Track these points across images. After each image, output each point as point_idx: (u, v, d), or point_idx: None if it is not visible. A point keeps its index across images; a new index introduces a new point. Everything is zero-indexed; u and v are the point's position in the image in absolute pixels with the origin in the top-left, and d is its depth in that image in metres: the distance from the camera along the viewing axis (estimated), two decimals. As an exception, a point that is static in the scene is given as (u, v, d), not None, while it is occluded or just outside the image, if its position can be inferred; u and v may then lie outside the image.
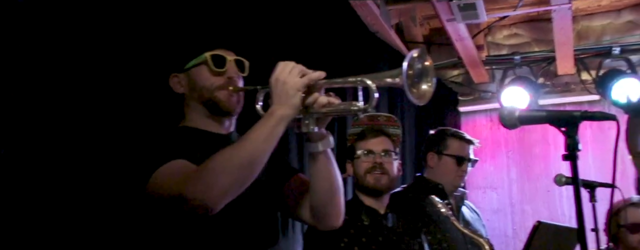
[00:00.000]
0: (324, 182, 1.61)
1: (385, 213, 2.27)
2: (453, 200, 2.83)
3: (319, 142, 1.56)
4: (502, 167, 4.28)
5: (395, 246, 2.21)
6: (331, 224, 1.69)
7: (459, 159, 2.81)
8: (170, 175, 1.47)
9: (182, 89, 1.73)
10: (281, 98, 1.46)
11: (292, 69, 1.48)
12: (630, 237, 2.66)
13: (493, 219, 4.19)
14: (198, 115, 1.71)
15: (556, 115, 1.41)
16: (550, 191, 4.10)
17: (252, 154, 1.44)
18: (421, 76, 1.40)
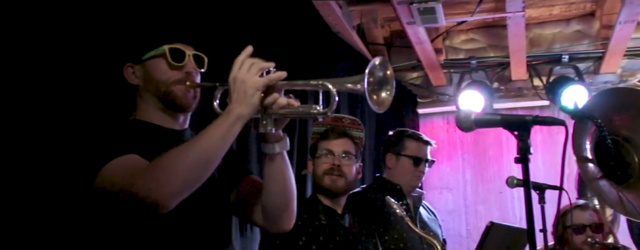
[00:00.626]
0: (277, 184, 1.59)
1: (342, 213, 2.30)
2: (410, 200, 2.90)
3: (276, 143, 1.55)
4: (458, 168, 4.39)
5: (352, 246, 2.25)
6: (283, 228, 1.67)
7: (416, 159, 2.88)
8: (119, 170, 1.43)
9: (136, 80, 1.68)
10: (239, 97, 1.44)
11: (252, 67, 1.46)
12: (575, 238, 2.76)
13: (448, 220, 4.29)
14: (151, 108, 1.67)
15: (510, 119, 1.47)
16: (502, 192, 4.23)
17: (207, 153, 1.42)
18: (381, 84, 1.42)
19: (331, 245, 2.20)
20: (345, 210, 2.32)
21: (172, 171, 1.38)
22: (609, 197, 2.77)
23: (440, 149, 4.46)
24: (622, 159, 2.85)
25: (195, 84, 1.66)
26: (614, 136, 2.86)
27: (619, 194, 2.76)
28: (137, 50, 1.69)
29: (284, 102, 1.47)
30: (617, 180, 2.80)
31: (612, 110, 2.85)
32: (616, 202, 2.75)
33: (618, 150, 2.85)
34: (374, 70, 1.40)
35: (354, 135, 2.39)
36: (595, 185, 2.80)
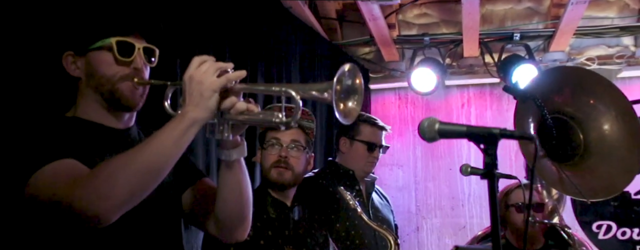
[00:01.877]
0: (233, 193, 1.50)
1: (292, 206, 2.23)
2: (363, 186, 2.86)
3: (233, 149, 1.45)
4: (409, 145, 4.38)
5: (301, 239, 2.18)
6: (237, 239, 1.59)
7: (371, 145, 2.83)
8: (55, 178, 1.29)
9: (77, 71, 1.52)
10: (195, 99, 1.32)
11: (209, 66, 1.34)
12: (516, 217, 2.78)
13: (398, 196, 4.30)
14: (93, 105, 1.51)
15: (476, 131, 1.40)
16: (452, 169, 4.26)
17: (156, 160, 1.30)
18: (349, 93, 1.33)
19: (280, 240, 2.12)
20: (294, 202, 2.24)
21: (116, 181, 1.25)
22: (550, 176, 2.81)
23: (391, 124, 4.41)
24: (567, 138, 2.89)
25: (144, 82, 1.51)
26: (559, 115, 2.89)
27: (560, 173, 2.80)
28: (79, 39, 1.52)
29: (243, 107, 1.36)
30: (560, 159, 2.85)
31: (555, 90, 2.87)
32: (557, 180, 2.79)
33: (564, 130, 2.89)
34: (343, 78, 1.30)
35: (304, 126, 2.30)
36: (537, 165, 2.84)
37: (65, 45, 1.54)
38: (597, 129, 2.79)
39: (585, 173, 2.81)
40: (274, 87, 1.39)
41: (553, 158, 2.80)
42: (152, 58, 1.56)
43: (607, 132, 2.76)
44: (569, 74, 2.90)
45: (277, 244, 2.12)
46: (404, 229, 4.19)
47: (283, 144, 2.20)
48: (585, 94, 2.76)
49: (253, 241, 2.06)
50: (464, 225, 4.15)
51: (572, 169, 2.85)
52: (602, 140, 2.76)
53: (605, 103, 2.71)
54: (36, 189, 1.30)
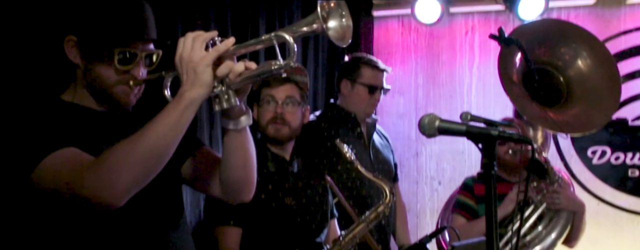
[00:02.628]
0: (239, 159, 1.54)
1: (290, 159, 2.31)
2: (364, 128, 2.94)
3: (240, 118, 1.46)
4: (410, 72, 4.39)
5: (301, 191, 2.30)
6: (242, 200, 1.65)
7: (372, 87, 2.88)
8: (60, 167, 1.34)
9: (77, 59, 1.52)
10: (190, 77, 1.32)
11: (194, 42, 1.32)
12: (498, 149, 2.81)
13: (398, 123, 4.39)
14: (87, 94, 1.54)
15: (475, 130, 1.42)
16: (453, 97, 4.31)
17: (157, 145, 1.33)
18: (335, 14, 1.29)
19: (280, 193, 2.24)
20: (293, 156, 2.33)
21: (120, 169, 1.30)
22: (533, 113, 2.90)
23: (394, 52, 4.43)
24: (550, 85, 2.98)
25: (139, 81, 1.52)
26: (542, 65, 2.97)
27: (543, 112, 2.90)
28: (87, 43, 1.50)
29: (241, 68, 1.35)
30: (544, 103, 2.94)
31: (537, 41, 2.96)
32: (538, 117, 2.89)
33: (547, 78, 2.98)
34: (325, 5, 1.26)
35: (297, 80, 2.33)
36: (520, 104, 2.93)
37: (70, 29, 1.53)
38: (577, 76, 2.97)
39: (567, 113, 2.95)
40: (263, 37, 1.35)
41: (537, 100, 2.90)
42: (153, 58, 1.56)
43: (587, 78, 2.94)
44: (551, 26, 3.03)
45: (278, 197, 2.24)
46: (403, 154, 4.33)
47: (278, 101, 2.24)
48: (566, 44, 2.93)
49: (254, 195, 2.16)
50: (462, 151, 4.27)
51: (554, 111, 2.97)
52: (583, 85, 2.94)
53: (585, 51, 2.89)
54: (41, 179, 1.36)
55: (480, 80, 4.26)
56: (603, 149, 4.07)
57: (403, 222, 3.12)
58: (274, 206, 2.22)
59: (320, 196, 2.37)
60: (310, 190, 2.33)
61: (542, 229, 2.87)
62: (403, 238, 3.08)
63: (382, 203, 2.34)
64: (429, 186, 4.33)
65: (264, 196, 2.21)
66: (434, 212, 4.21)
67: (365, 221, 2.30)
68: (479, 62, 4.26)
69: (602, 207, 3.99)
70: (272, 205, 2.22)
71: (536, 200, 2.83)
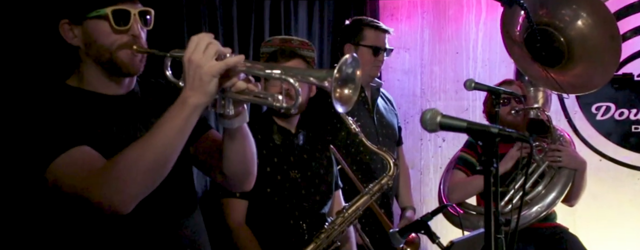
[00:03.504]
0: (237, 156, 1.58)
1: (296, 132, 2.34)
2: (368, 92, 2.95)
3: (234, 118, 1.50)
4: (416, 28, 4.34)
5: (306, 164, 2.34)
6: (243, 189, 1.71)
7: (376, 49, 2.87)
8: (72, 170, 1.39)
9: (75, 40, 1.55)
10: (195, 83, 1.35)
11: (207, 48, 1.35)
12: (501, 110, 2.86)
13: (403, 79, 4.38)
14: (94, 74, 1.56)
15: (475, 127, 1.43)
16: (459, 53, 4.26)
17: (164, 152, 1.37)
18: (346, 81, 1.34)
19: (285, 165, 2.28)
20: (298, 128, 2.36)
21: (129, 177, 1.35)
22: (534, 73, 2.92)
23: (400, 7, 4.35)
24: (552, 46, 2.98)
25: (143, 50, 1.54)
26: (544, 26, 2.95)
27: (544, 72, 2.91)
28: (74, 8, 1.52)
29: (243, 86, 1.40)
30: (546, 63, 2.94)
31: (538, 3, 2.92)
32: (540, 77, 2.91)
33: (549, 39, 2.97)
34: (343, 67, 1.31)
35: (305, 55, 2.32)
36: (523, 64, 2.93)
37: (61, 13, 1.55)
38: (578, 36, 3.00)
39: (568, 73, 2.97)
40: (274, 71, 1.40)
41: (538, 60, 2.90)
42: (148, 16, 1.57)
43: (588, 38, 2.98)
44: None
45: (283, 170, 2.29)
46: (408, 111, 4.35)
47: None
48: (567, 5, 2.94)
49: (259, 168, 2.18)
50: (466, 107, 4.28)
51: (556, 71, 2.97)
52: (584, 45, 2.98)
53: (586, 12, 2.92)
54: (55, 178, 1.41)
55: (487, 36, 4.20)
56: (607, 105, 4.07)
57: (406, 185, 3.19)
58: (279, 179, 2.28)
59: (325, 168, 2.42)
60: (315, 163, 2.38)
61: (541, 188, 2.93)
62: (406, 200, 3.15)
63: (386, 175, 2.39)
64: (433, 143, 4.37)
65: (269, 169, 2.26)
66: (438, 169, 4.27)
67: (369, 193, 2.35)
68: (485, 18, 4.19)
69: (604, 163, 4.03)
70: (278, 178, 2.28)
71: (537, 159, 2.88)
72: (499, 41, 4.11)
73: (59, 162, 1.40)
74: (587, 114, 4.10)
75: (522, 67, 2.95)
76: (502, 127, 1.42)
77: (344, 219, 2.24)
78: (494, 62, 4.19)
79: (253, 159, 1.64)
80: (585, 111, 4.11)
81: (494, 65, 4.18)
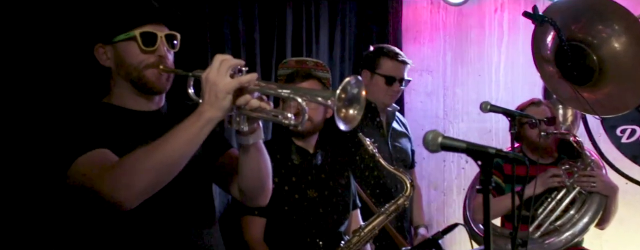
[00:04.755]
0: (252, 171, 1.66)
1: (314, 152, 2.41)
2: (384, 117, 3.01)
3: (249, 135, 1.58)
4: (439, 51, 4.39)
5: (324, 183, 2.39)
6: (258, 204, 1.79)
7: (389, 78, 2.93)
8: (88, 168, 1.49)
9: (108, 62, 1.68)
10: (211, 99, 1.45)
11: (221, 67, 1.45)
12: (530, 132, 2.92)
13: (426, 101, 4.43)
14: (125, 92, 1.68)
15: (473, 148, 1.49)
16: (481, 76, 4.29)
17: (172, 156, 1.46)
18: (351, 101, 1.42)
19: (303, 185, 2.34)
20: (317, 148, 2.42)
21: (136, 173, 1.44)
22: (565, 93, 2.90)
23: (422, 30, 4.42)
24: (583, 63, 2.95)
25: (168, 70, 1.66)
26: (576, 42, 2.93)
27: (574, 92, 2.88)
28: (106, 31, 1.66)
29: (256, 104, 1.49)
30: (576, 82, 2.91)
31: (572, 17, 2.91)
32: (570, 98, 2.89)
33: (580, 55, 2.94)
34: (348, 87, 1.39)
35: (320, 76, 2.40)
36: (553, 83, 2.92)
37: (95, 37, 1.69)
38: (611, 54, 2.94)
39: (599, 92, 2.92)
40: (283, 91, 1.51)
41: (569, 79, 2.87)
42: (175, 41, 1.69)
43: (621, 56, 2.91)
44: (588, 1, 2.90)
45: (301, 189, 2.34)
46: (430, 133, 4.37)
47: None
48: (601, 21, 2.85)
49: (278, 187, 2.27)
50: (489, 129, 4.28)
51: (586, 89, 2.94)
52: (617, 64, 2.91)
53: (620, 29, 2.85)
54: (74, 177, 1.52)
55: (509, 58, 4.23)
56: (632, 128, 4.02)
57: (417, 203, 3.22)
58: (297, 197, 2.34)
59: (343, 187, 2.47)
60: (333, 182, 2.43)
61: (574, 213, 2.87)
62: (418, 219, 3.18)
63: (402, 195, 2.43)
64: (456, 164, 4.38)
65: (287, 188, 2.32)
66: (461, 190, 4.27)
67: (386, 213, 2.39)
68: (507, 41, 4.22)
69: (631, 186, 3.95)
70: (296, 197, 2.33)
71: (568, 184, 2.83)
72: (522, 64, 4.17)
73: (81, 160, 1.52)
74: (612, 137, 4.06)
75: (552, 86, 2.90)
76: (500, 149, 1.47)
77: (360, 238, 2.29)
78: (517, 84, 4.20)
79: (268, 175, 1.71)
80: (610, 134, 4.06)
81: (516, 88, 4.19)
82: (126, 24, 1.64)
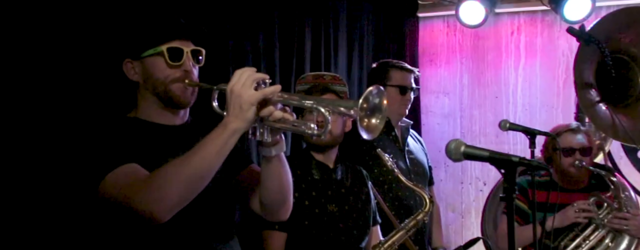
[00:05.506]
0: (274, 183, 1.68)
1: (334, 167, 2.42)
2: (399, 132, 3.03)
3: (272, 147, 1.61)
4: (455, 73, 4.42)
5: (344, 198, 2.39)
6: (279, 219, 1.80)
7: (402, 88, 2.97)
8: (119, 182, 1.52)
9: (136, 76, 1.73)
10: (235, 111, 1.48)
11: (247, 80, 1.48)
12: (563, 160, 2.82)
13: (443, 123, 4.44)
14: (151, 106, 1.72)
15: (496, 156, 1.49)
16: (498, 97, 4.31)
17: (202, 168, 1.49)
18: (374, 111, 1.44)
19: (323, 199, 2.34)
20: (337, 163, 2.43)
21: (168, 187, 1.46)
22: (603, 121, 2.84)
23: (439, 53, 4.46)
24: (624, 77, 2.86)
25: (193, 83, 1.70)
26: (621, 55, 2.85)
27: (614, 118, 2.82)
28: (135, 47, 1.70)
29: (279, 115, 1.51)
30: (615, 101, 2.84)
31: (619, 30, 2.81)
32: (609, 126, 2.83)
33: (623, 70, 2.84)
34: (369, 97, 1.41)
35: (337, 90, 2.42)
36: (591, 111, 2.86)
37: (124, 54, 1.74)
38: None
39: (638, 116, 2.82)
40: (306, 102, 1.53)
41: (608, 100, 2.80)
42: (200, 57, 1.74)
43: None
44: (636, 14, 2.79)
45: (321, 203, 2.34)
46: (448, 155, 4.36)
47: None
48: None
49: (298, 202, 2.26)
50: (507, 151, 4.27)
51: (626, 111, 2.86)
52: None
53: None
54: (105, 191, 1.54)
55: (526, 80, 4.24)
56: (654, 151, 3.99)
57: (437, 225, 3.20)
58: (317, 212, 2.33)
59: (363, 203, 2.46)
60: (353, 197, 2.42)
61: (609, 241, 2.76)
62: (437, 241, 3.15)
63: (421, 211, 2.42)
64: (474, 186, 4.36)
65: (308, 202, 2.32)
66: (479, 213, 4.23)
67: (405, 228, 2.38)
68: (524, 63, 4.25)
69: (652, 209, 3.92)
70: (316, 211, 2.33)
71: (598, 221, 2.73)
72: (539, 86, 4.18)
73: (111, 176, 1.54)
74: (633, 160, 4.03)
75: (590, 113, 2.80)
76: (523, 157, 1.47)
77: (381, 254, 2.27)
78: (534, 106, 4.21)
79: (289, 188, 1.73)
80: (631, 156, 4.04)
81: (534, 110, 4.19)
82: (154, 40, 1.68)
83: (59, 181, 1.96)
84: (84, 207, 1.79)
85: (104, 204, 1.58)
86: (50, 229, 1.97)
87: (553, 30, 4.15)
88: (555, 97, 4.16)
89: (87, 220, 1.90)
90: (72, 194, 1.92)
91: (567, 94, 4.08)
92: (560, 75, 4.14)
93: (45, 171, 1.96)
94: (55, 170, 1.96)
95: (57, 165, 1.95)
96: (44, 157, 1.96)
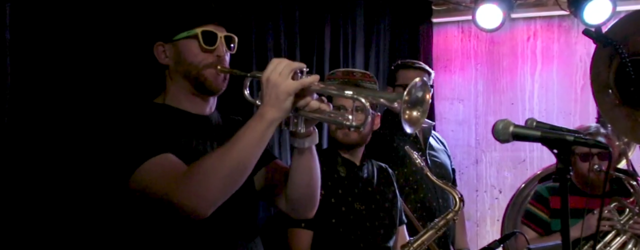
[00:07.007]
0: (304, 177, 1.62)
1: (361, 164, 2.34)
2: (420, 133, 2.95)
3: (306, 138, 1.55)
4: (470, 79, 4.37)
5: (371, 196, 2.32)
6: (305, 216, 1.73)
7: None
8: (157, 174, 1.45)
9: (167, 60, 1.65)
10: (272, 100, 1.43)
11: (284, 69, 1.42)
12: (581, 165, 2.76)
13: (458, 130, 4.37)
14: (181, 91, 1.65)
15: (550, 136, 1.42)
16: (514, 104, 4.25)
17: (242, 160, 1.43)
18: (415, 104, 1.39)
19: (350, 197, 2.26)
20: (363, 161, 2.36)
21: (211, 182, 1.40)
22: (623, 124, 2.77)
23: (453, 59, 4.41)
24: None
25: (226, 70, 1.63)
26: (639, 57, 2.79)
27: (633, 121, 2.76)
28: (168, 30, 1.64)
29: (316, 106, 1.46)
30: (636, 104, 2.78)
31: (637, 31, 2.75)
32: (629, 129, 2.76)
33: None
34: (413, 90, 1.36)
35: (367, 87, 2.35)
36: (611, 115, 2.79)
37: (155, 36, 1.67)
38: None
39: None
40: (346, 91, 1.46)
41: (628, 103, 2.74)
42: (232, 45, 1.68)
43: None
44: None
45: (347, 201, 2.26)
46: (463, 162, 4.30)
47: (348, 108, 2.27)
48: None
49: (324, 199, 2.19)
50: (523, 158, 4.20)
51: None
52: None
53: None
54: (140, 183, 1.46)
55: (543, 86, 4.19)
56: (673, 155, 3.92)
57: (461, 227, 3.11)
58: (343, 210, 2.25)
59: (390, 202, 2.38)
60: (380, 196, 2.35)
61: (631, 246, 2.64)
62: (460, 242, 3.06)
63: (451, 210, 2.35)
64: (489, 194, 4.28)
65: (334, 200, 2.24)
66: (495, 221, 4.15)
67: (435, 228, 2.30)
68: (541, 69, 4.20)
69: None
70: (342, 210, 2.25)
71: (619, 227, 2.65)
72: (556, 92, 4.13)
73: (145, 167, 1.46)
74: (654, 165, 3.96)
75: (610, 117, 2.73)
76: (578, 135, 1.40)
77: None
78: (551, 112, 4.15)
79: (318, 183, 1.66)
80: (652, 162, 3.97)
81: (551, 116, 4.13)
82: (188, 23, 1.62)
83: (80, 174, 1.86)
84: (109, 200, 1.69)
85: (133, 197, 1.50)
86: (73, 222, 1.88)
87: (570, 36, 4.11)
88: (572, 103, 4.11)
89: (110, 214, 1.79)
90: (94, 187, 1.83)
91: (585, 100, 4.03)
92: (578, 81, 4.08)
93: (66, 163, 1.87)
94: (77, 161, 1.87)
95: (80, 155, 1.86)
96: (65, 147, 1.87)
